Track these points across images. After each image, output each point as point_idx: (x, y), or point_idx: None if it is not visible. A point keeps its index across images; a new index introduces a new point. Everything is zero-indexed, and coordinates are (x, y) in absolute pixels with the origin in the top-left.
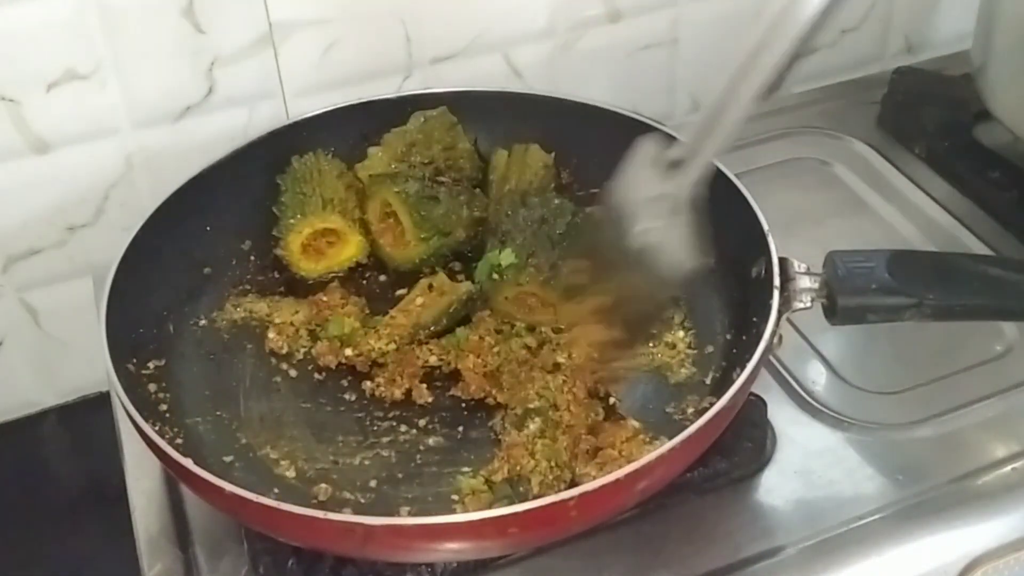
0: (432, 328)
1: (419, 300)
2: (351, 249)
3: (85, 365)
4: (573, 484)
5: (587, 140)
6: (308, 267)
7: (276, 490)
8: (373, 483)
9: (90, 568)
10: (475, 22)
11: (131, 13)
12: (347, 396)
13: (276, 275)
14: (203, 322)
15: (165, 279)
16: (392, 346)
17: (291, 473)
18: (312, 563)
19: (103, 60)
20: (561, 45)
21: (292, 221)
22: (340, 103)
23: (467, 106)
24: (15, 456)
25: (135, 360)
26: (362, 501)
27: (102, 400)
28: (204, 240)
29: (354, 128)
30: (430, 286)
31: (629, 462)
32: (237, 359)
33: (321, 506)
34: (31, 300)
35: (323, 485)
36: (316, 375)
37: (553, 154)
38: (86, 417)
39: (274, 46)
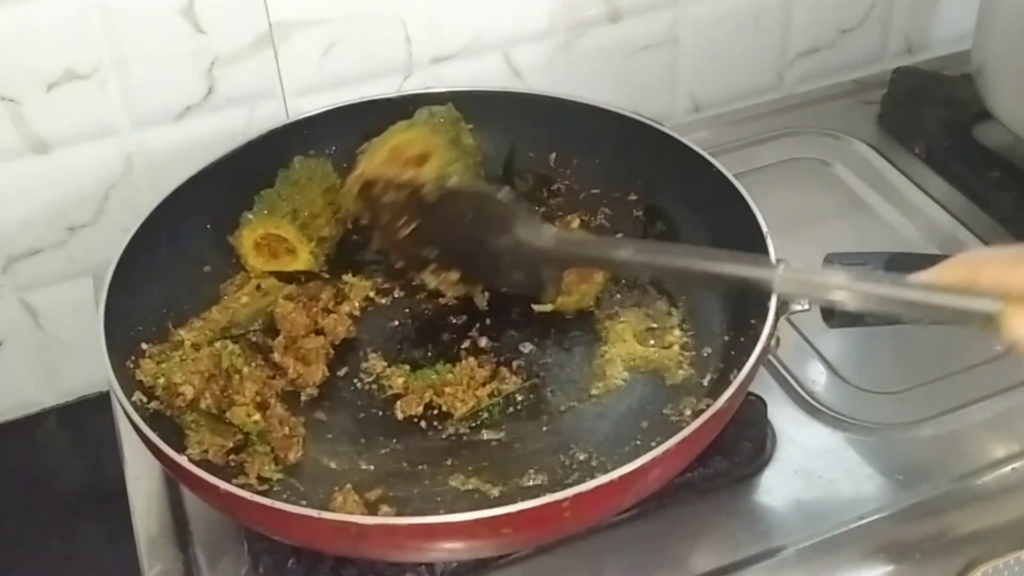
0: (245, 328)
1: (243, 299)
2: (299, 263)
3: (85, 365)
4: None
5: (587, 140)
6: (256, 263)
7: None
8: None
9: (90, 568)
10: (475, 22)
11: (131, 13)
12: (347, 397)
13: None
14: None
15: (164, 278)
16: (203, 342)
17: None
18: (312, 563)
19: (103, 60)
20: (561, 45)
21: (251, 216)
22: (340, 103)
23: (467, 106)
24: (15, 456)
25: (134, 359)
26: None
27: (102, 400)
28: (204, 239)
29: (354, 128)
30: (258, 286)
31: None
32: None
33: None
34: (31, 300)
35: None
36: None
37: (554, 154)
38: (86, 417)
39: (274, 46)
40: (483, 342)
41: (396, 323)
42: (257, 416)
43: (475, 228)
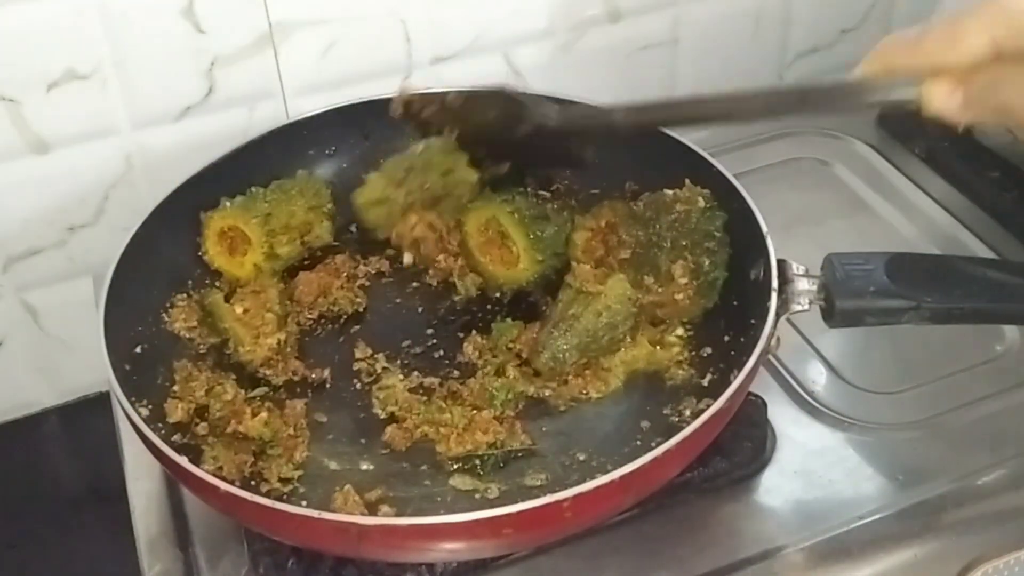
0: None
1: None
2: (243, 270)
3: (85, 365)
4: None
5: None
6: (213, 251)
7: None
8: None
9: (90, 568)
10: (475, 22)
11: (131, 13)
12: (347, 397)
13: None
14: None
15: (164, 278)
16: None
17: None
18: (312, 563)
19: (103, 60)
20: (561, 45)
21: (228, 204)
22: (340, 103)
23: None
24: (15, 456)
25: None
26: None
27: (102, 400)
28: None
29: (354, 128)
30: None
31: None
32: None
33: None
34: (31, 300)
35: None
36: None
37: None
38: (86, 417)
39: (274, 46)
40: (481, 339)
41: (400, 317)
42: (266, 419)
43: (501, 123)
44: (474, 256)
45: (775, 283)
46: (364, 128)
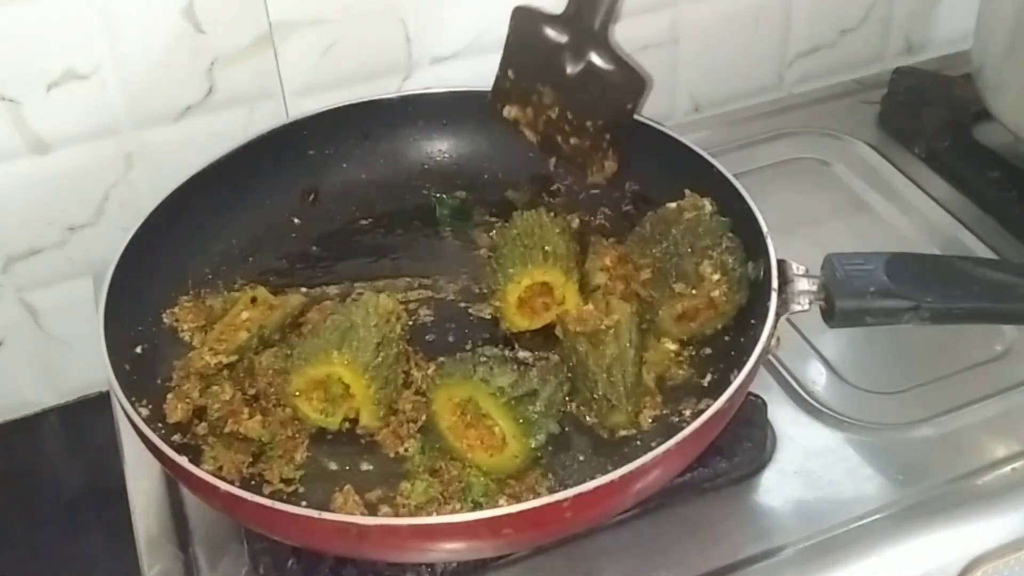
0: (270, 336)
1: (244, 314)
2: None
3: (85, 365)
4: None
5: None
6: (520, 322)
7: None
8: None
9: (90, 568)
10: (475, 22)
11: (131, 13)
12: None
13: (273, 277)
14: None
15: (164, 278)
16: (234, 358)
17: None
18: (312, 563)
19: (103, 60)
20: None
21: (511, 271)
22: (340, 103)
23: (467, 106)
24: (15, 456)
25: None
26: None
27: (102, 400)
28: (203, 240)
29: (354, 128)
30: (253, 299)
31: None
32: None
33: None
34: (31, 300)
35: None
36: None
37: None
38: (86, 417)
39: (274, 46)
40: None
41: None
42: (262, 420)
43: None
44: (446, 439)
45: (775, 283)
46: (364, 128)
